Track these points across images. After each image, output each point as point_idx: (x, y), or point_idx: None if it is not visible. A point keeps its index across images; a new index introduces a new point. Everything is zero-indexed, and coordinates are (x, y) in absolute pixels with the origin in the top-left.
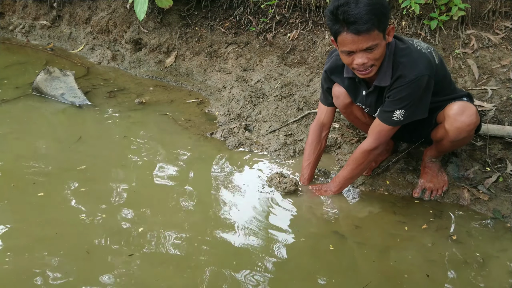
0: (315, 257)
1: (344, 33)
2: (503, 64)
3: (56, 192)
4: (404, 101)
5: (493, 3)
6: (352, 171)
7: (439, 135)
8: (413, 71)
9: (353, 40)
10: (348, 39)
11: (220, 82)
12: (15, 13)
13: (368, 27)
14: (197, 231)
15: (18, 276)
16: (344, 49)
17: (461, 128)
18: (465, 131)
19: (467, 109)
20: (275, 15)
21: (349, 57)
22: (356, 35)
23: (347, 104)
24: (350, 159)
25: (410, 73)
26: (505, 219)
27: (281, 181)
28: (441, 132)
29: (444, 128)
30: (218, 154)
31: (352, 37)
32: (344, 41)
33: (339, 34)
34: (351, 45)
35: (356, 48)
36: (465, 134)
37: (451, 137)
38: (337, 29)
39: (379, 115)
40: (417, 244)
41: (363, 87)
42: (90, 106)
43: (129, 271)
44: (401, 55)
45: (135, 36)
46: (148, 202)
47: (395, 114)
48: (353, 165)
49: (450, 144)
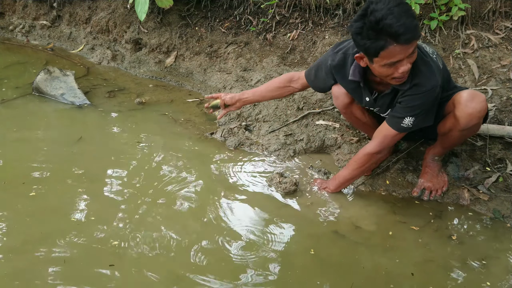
0: (315, 257)
1: (392, 47)
2: (503, 64)
3: (56, 192)
4: (416, 110)
5: (493, 3)
6: (352, 172)
7: (447, 126)
8: (430, 82)
9: (402, 50)
10: (397, 51)
11: (220, 82)
12: (15, 13)
13: (417, 32)
14: (197, 231)
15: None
16: (391, 60)
17: (472, 114)
18: (476, 117)
19: (477, 95)
20: (275, 15)
21: (390, 68)
22: (405, 45)
23: (347, 104)
24: (352, 160)
25: (427, 83)
26: (505, 219)
27: (281, 181)
28: (449, 122)
29: (453, 117)
30: (218, 154)
31: (401, 48)
32: (392, 53)
33: (383, 49)
34: (400, 55)
35: (404, 56)
36: (476, 121)
37: (461, 125)
38: (382, 45)
39: (388, 119)
40: (417, 244)
41: (366, 93)
42: (90, 106)
43: (128, 272)
44: (421, 63)
45: (135, 36)
46: (147, 202)
47: (404, 121)
48: (354, 166)
49: (458, 135)
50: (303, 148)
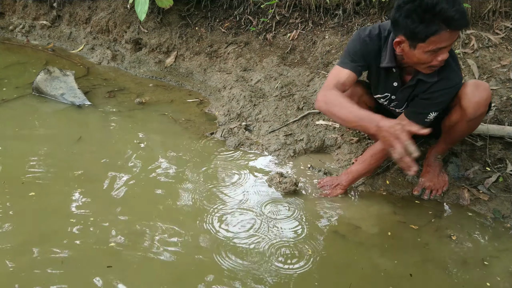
0: (315, 257)
1: (444, 32)
2: (503, 64)
3: (55, 192)
4: (441, 105)
5: (493, 3)
6: (368, 166)
7: (453, 119)
8: (458, 76)
9: (451, 36)
10: (446, 37)
11: (220, 82)
12: (15, 13)
13: (468, 20)
14: (196, 232)
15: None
16: (437, 46)
17: (479, 103)
18: (483, 105)
19: (480, 84)
20: (275, 15)
21: (432, 55)
22: (456, 31)
23: (359, 96)
24: (368, 154)
25: (456, 77)
26: (505, 219)
27: (281, 181)
28: (456, 114)
29: (460, 107)
30: (218, 154)
31: (451, 34)
32: (442, 39)
33: (435, 34)
34: (448, 41)
35: (450, 43)
36: (483, 109)
37: (469, 115)
38: (435, 30)
39: (409, 115)
40: (417, 244)
41: (396, 80)
42: (90, 106)
43: (126, 273)
44: (450, 55)
45: (135, 36)
46: (147, 202)
47: (429, 116)
48: (371, 160)
49: (465, 126)
50: (303, 148)
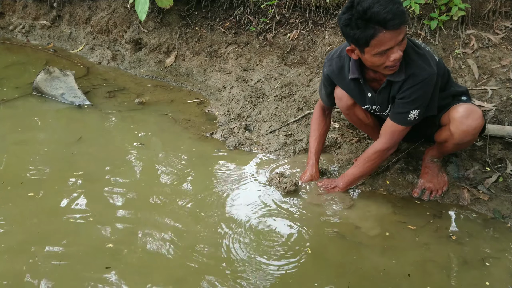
0: (315, 257)
1: (381, 34)
2: (503, 64)
3: (54, 192)
4: (419, 101)
5: (493, 3)
6: (363, 170)
7: (443, 137)
8: (426, 70)
9: (392, 36)
10: (387, 37)
11: (220, 82)
12: (15, 13)
13: (405, 17)
14: (196, 232)
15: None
16: (381, 49)
17: (467, 132)
18: (470, 134)
19: (473, 112)
20: (275, 15)
21: (382, 57)
22: (395, 30)
23: (350, 106)
24: (362, 158)
25: (423, 72)
26: (505, 219)
27: (281, 181)
28: (445, 134)
29: (449, 130)
30: (218, 154)
31: (390, 34)
32: (382, 41)
33: (374, 37)
34: (390, 41)
35: (394, 43)
36: (471, 138)
37: (456, 140)
38: (372, 34)
39: (392, 116)
40: (417, 244)
41: (368, 89)
42: (90, 106)
43: (125, 274)
44: (413, 52)
45: (135, 36)
46: (146, 202)
47: (411, 114)
48: (365, 164)
49: (453, 146)
50: (303, 148)
